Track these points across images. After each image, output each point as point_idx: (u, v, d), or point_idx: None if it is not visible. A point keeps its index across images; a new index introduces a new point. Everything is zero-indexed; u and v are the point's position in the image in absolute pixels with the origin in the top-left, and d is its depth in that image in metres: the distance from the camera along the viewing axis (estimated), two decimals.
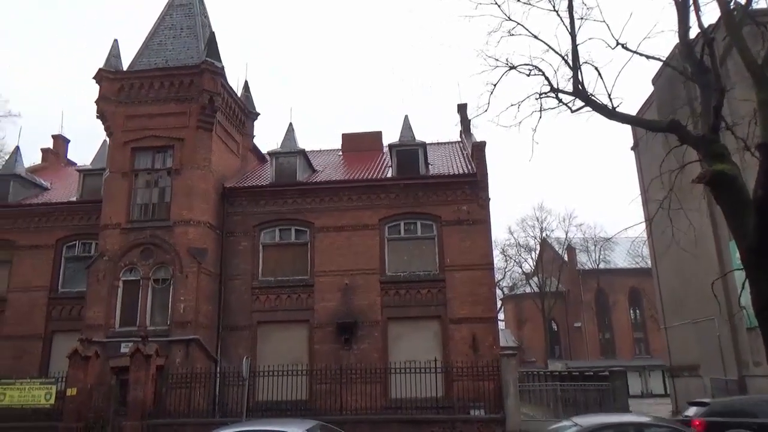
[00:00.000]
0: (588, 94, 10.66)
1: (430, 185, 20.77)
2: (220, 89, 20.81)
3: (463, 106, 26.10)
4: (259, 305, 20.17)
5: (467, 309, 19.24)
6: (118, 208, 19.82)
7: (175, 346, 18.01)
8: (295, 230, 21.12)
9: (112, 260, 19.16)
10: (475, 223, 20.12)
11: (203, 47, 21.38)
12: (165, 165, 20.44)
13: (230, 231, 20.96)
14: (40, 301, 21.48)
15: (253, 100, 25.33)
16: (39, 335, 21.06)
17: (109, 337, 18.32)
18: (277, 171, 22.28)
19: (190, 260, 18.88)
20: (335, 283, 19.96)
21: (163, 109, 20.56)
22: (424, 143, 22.42)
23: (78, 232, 22.21)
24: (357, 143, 26.74)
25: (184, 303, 18.47)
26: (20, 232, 22.42)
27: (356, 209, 20.77)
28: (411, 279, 19.92)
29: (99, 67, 20.95)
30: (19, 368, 19.87)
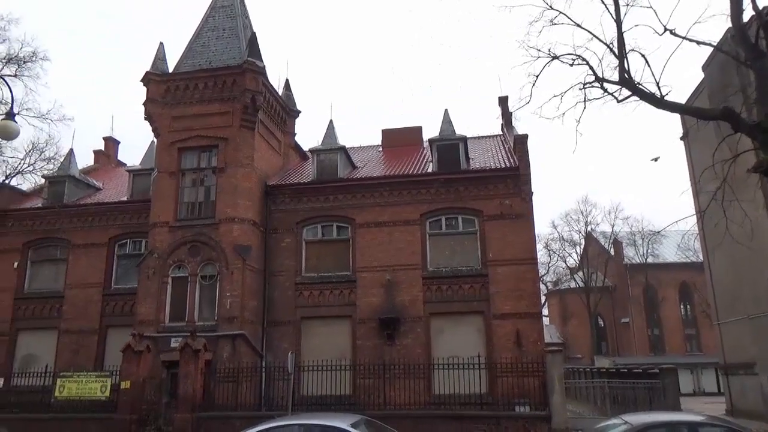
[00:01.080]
0: (635, 83, 10.35)
1: (472, 179, 20.59)
2: (261, 88, 21.12)
3: (504, 99, 25.75)
4: (303, 301, 20.45)
5: (511, 304, 19.02)
6: (166, 207, 20.39)
7: (222, 341, 18.44)
8: (337, 226, 21.29)
9: (161, 257, 19.74)
10: (518, 218, 19.85)
11: (245, 47, 21.74)
12: (210, 164, 20.91)
13: (273, 228, 21.30)
14: (95, 298, 22.32)
15: (294, 98, 25.62)
16: (94, 330, 21.90)
17: (160, 332, 18.90)
18: (318, 168, 22.50)
19: (235, 257, 19.27)
20: (377, 279, 20.04)
21: (207, 110, 21.02)
22: (464, 137, 22.23)
23: (129, 231, 22.95)
24: (397, 139, 26.75)
25: (230, 299, 18.89)
26: (75, 231, 23.33)
27: (397, 205, 20.78)
28: (453, 274, 19.82)
29: (146, 70, 21.55)
30: (76, 362, 20.76)
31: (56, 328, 22.23)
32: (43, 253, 23.80)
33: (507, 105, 24.95)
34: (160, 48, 22.21)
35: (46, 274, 23.50)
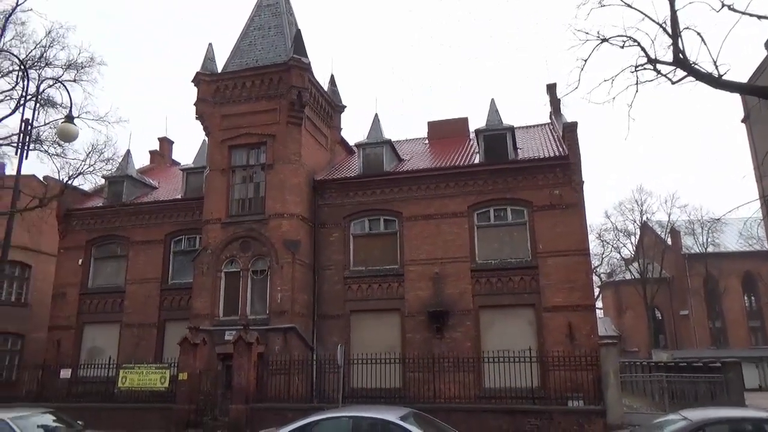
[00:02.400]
0: (690, 63, 9.86)
1: (520, 170, 20.22)
2: (307, 84, 21.34)
3: (552, 86, 25.13)
4: (352, 294, 20.62)
5: (562, 296, 18.61)
6: (218, 204, 20.93)
7: (274, 334, 18.82)
8: (384, 220, 21.34)
9: (215, 253, 20.29)
10: (569, 208, 19.37)
11: (290, 44, 22.00)
12: (259, 161, 21.32)
13: (321, 222, 21.55)
14: (153, 292, 23.18)
15: (339, 93, 25.77)
16: (153, 324, 22.75)
17: (215, 326, 19.46)
18: (364, 162, 22.59)
19: (284, 252, 19.61)
20: (425, 272, 19.99)
21: (255, 107, 21.42)
22: (511, 127, 21.83)
23: (184, 228, 23.68)
24: (443, 130, 26.56)
25: (280, 293, 19.25)
26: (134, 229, 24.27)
27: (444, 197, 20.65)
28: (502, 266, 19.55)
29: (196, 71, 22.12)
30: (137, 354, 21.66)
31: (118, 321, 23.22)
32: (104, 250, 24.89)
33: (555, 92, 24.34)
34: (209, 49, 22.74)
35: (108, 270, 24.57)
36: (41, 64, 19.91)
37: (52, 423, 11.55)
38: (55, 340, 23.43)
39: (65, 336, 23.50)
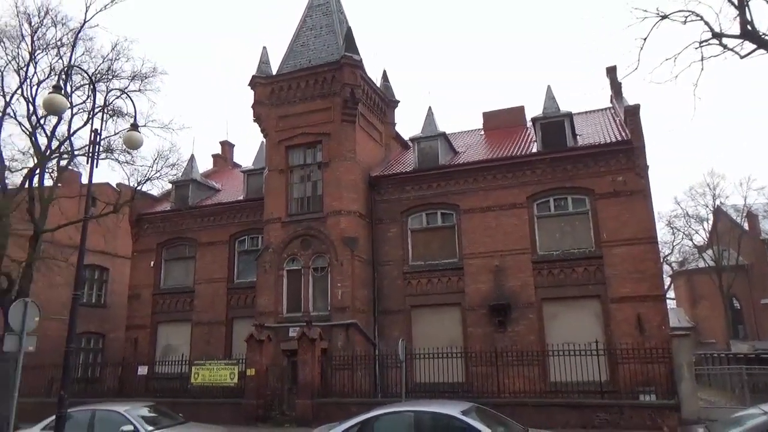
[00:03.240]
0: (760, 35, 9.25)
1: (580, 157, 19.59)
2: (359, 81, 21.47)
3: (612, 69, 24.19)
4: (411, 289, 20.63)
5: (630, 287, 17.92)
6: (278, 204, 21.41)
7: (336, 330, 19.10)
8: (441, 214, 21.21)
9: (276, 252, 20.79)
10: (634, 194, 18.61)
11: (342, 42, 22.20)
12: (315, 159, 21.65)
13: (379, 218, 21.66)
14: (221, 291, 24.01)
15: (392, 88, 25.78)
16: (221, 321, 23.57)
17: (279, 323, 19.95)
18: (419, 156, 22.52)
19: (343, 249, 19.84)
20: (485, 265, 19.73)
21: (309, 107, 21.76)
22: (569, 113, 21.17)
23: (246, 228, 24.38)
24: (498, 120, 26.09)
25: (341, 289, 19.50)
26: (200, 231, 25.21)
27: (502, 188, 20.30)
28: (565, 257, 19.03)
29: (252, 75, 22.68)
30: (208, 351, 22.52)
31: (189, 320, 24.21)
32: (174, 252, 25.98)
33: (615, 75, 23.44)
34: (263, 52, 23.26)
35: (178, 271, 25.65)
36: (109, 77, 20.90)
37: (158, 415, 12.75)
38: (132, 339, 24.70)
39: (141, 335, 24.73)
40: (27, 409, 18.71)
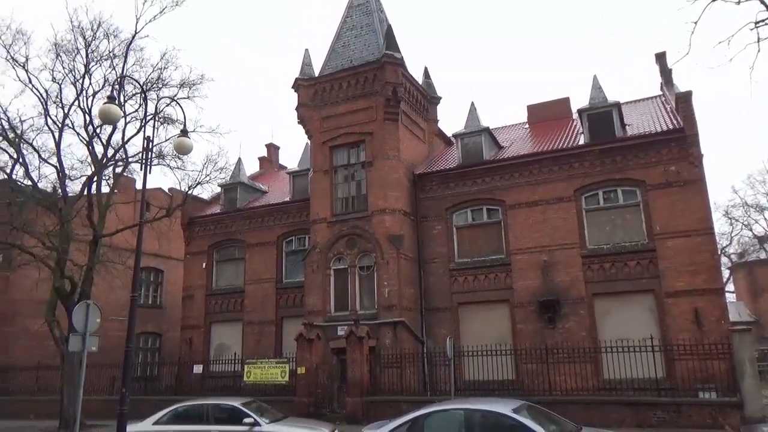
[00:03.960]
0: None
1: (630, 147, 19.02)
2: (401, 79, 21.48)
3: (661, 55, 23.37)
4: (458, 287, 20.51)
5: (686, 280, 17.29)
6: (323, 204, 21.67)
7: (384, 328, 19.20)
8: (487, 209, 21.00)
9: (323, 251, 21.05)
10: (688, 184, 17.95)
11: (382, 41, 22.25)
12: (359, 159, 21.81)
13: (423, 216, 21.63)
14: (270, 291, 24.50)
15: (434, 85, 25.67)
16: (271, 321, 24.05)
17: (327, 321, 20.20)
18: (463, 152, 22.36)
19: (389, 247, 19.92)
20: (533, 261, 19.44)
21: (352, 107, 21.91)
22: (617, 103, 20.58)
23: (293, 228, 24.77)
24: (543, 113, 25.63)
25: (387, 288, 19.59)
26: (249, 232, 25.77)
27: (548, 182, 19.93)
28: (616, 251, 18.54)
29: (295, 77, 23.01)
30: (259, 350, 23.02)
31: (240, 320, 24.79)
32: (224, 254, 26.66)
33: (665, 61, 22.67)
34: (306, 54, 23.56)
35: (228, 272, 26.31)
36: (159, 85, 21.60)
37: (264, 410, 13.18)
38: (187, 338, 25.49)
39: (195, 334, 25.49)
40: (92, 406, 19.59)
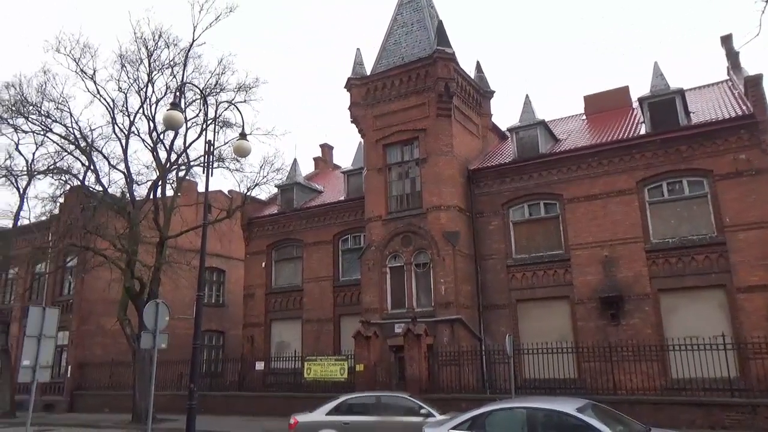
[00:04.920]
0: None
1: (695, 136, 18.19)
2: (453, 74, 21.31)
3: (727, 38, 22.21)
4: (516, 283, 20.20)
5: (760, 275, 16.38)
6: (378, 202, 21.79)
7: (441, 326, 19.13)
8: (544, 204, 20.58)
9: (378, 249, 21.17)
10: (760, 173, 17.00)
11: (433, 37, 22.13)
12: (413, 156, 21.80)
13: (479, 212, 21.41)
14: (327, 289, 24.87)
15: (486, 79, 25.33)
16: (329, 319, 24.42)
17: (384, 319, 20.31)
18: (518, 146, 21.98)
19: (444, 244, 19.83)
20: (594, 256, 18.91)
21: (404, 104, 21.91)
22: (681, 90, 19.70)
23: (349, 227, 25.06)
24: (601, 103, 24.84)
25: (444, 285, 19.51)
26: (306, 231, 26.24)
27: (608, 174, 19.33)
28: (682, 245, 17.78)
29: (348, 77, 23.22)
30: (318, 347, 23.44)
31: (299, 318, 25.30)
32: (283, 253, 27.26)
33: (731, 44, 21.52)
34: (357, 53, 23.74)
35: (287, 271, 26.89)
36: (217, 90, 22.36)
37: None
38: (249, 336, 26.23)
39: (257, 332, 26.19)
40: (160, 401, 20.46)
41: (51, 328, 11.16)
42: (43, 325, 10.97)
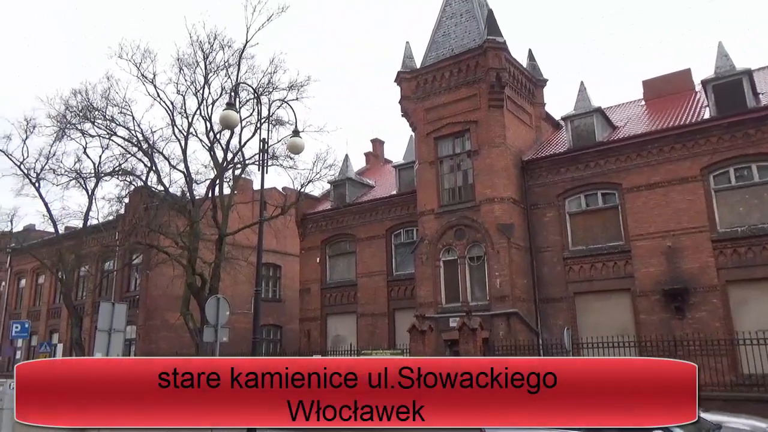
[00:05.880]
0: None
1: (765, 119, 17.20)
2: (504, 64, 20.93)
3: None
4: (574, 276, 19.72)
5: None
6: (430, 195, 21.70)
7: (497, 320, 18.91)
8: (602, 194, 19.98)
9: (432, 243, 21.10)
10: None
11: (483, 27, 21.79)
12: (464, 148, 21.58)
13: (534, 203, 21.00)
14: (381, 284, 25.01)
15: (539, 67, 24.75)
16: (384, 313, 24.55)
17: (438, 313, 20.25)
18: (573, 135, 21.39)
19: (499, 236, 19.56)
20: (656, 247, 18.22)
21: (455, 96, 21.70)
22: (748, 70, 18.65)
23: (401, 221, 25.08)
24: (661, 87, 23.80)
25: (499, 278, 19.26)
26: (359, 227, 26.46)
27: (670, 161, 18.56)
28: (752, 234, 16.89)
29: (398, 71, 23.18)
30: (373, 341, 23.61)
31: (354, 312, 25.57)
32: (336, 248, 27.58)
33: None
34: (407, 47, 23.65)
35: (341, 266, 27.20)
36: (269, 89, 22.80)
37: None
38: (306, 330, 26.72)
39: (313, 326, 26.63)
40: None
41: (120, 323, 11.71)
42: (112, 320, 11.53)
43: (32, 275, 37.54)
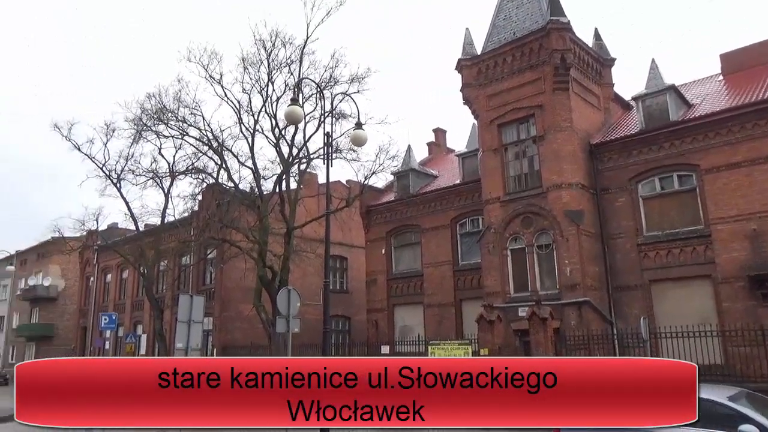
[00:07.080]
0: None
1: None
2: (569, 45, 20.23)
3: None
4: (649, 263, 18.91)
5: None
6: (495, 183, 21.35)
7: (567, 309, 18.43)
8: (678, 176, 19.02)
9: (498, 232, 20.79)
10: None
11: (546, 7, 21.14)
12: (529, 134, 21.07)
13: (604, 188, 20.26)
14: (447, 274, 24.90)
15: (606, 46, 23.74)
16: (450, 303, 24.44)
17: (507, 303, 19.95)
18: (645, 115, 20.43)
19: (568, 223, 19.02)
20: (739, 230, 17.18)
21: (518, 81, 21.19)
22: None
23: (466, 210, 24.85)
24: (741, 61, 22.27)
25: (569, 266, 18.74)
26: (423, 217, 26.42)
27: (752, 139, 17.41)
28: None
29: (458, 58, 22.85)
30: (440, 331, 23.56)
31: (421, 302, 25.60)
32: (401, 239, 27.68)
33: None
34: (466, 33, 23.28)
35: (406, 256, 27.28)
36: (331, 84, 23.06)
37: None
38: (373, 321, 27.01)
39: (380, 317, 26.89)
40: None
41: (198, 314, 12.27)
42: (191, 312, 12.08)
43: (117, 270, 39.87)
